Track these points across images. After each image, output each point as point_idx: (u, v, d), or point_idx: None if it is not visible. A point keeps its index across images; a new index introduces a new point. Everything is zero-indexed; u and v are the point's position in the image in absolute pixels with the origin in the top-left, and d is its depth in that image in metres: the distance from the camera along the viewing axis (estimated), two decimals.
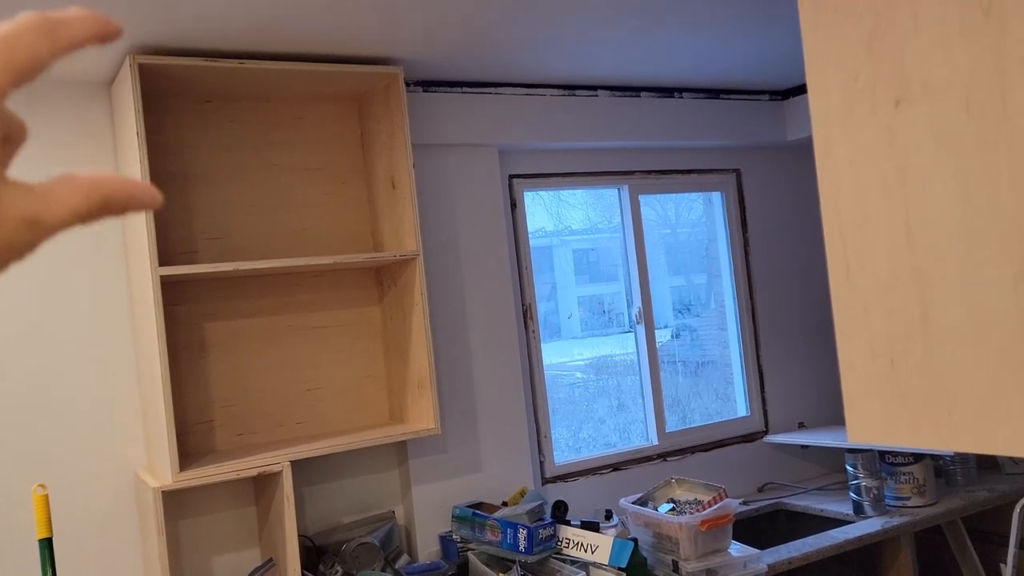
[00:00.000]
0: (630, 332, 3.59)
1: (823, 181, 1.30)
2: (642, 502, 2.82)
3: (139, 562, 2.50)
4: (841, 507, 3.29)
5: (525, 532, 2.61)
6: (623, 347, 3.69)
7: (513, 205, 3.25)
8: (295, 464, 2.74)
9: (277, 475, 2.43)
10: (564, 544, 2.68)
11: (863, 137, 1.22)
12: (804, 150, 4.01)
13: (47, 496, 1.87)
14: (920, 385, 1.17)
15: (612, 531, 2.74)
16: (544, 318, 3.58)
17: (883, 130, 1.19)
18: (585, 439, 4.12)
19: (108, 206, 0.40)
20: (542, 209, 3.99)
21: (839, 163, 1.29)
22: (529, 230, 3.32)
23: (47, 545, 1.85)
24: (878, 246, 1.22)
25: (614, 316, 3.77)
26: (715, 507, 2.65)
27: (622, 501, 2.82)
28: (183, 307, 2.61)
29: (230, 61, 2.38)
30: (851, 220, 1.26)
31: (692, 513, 2.66)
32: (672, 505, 2.79)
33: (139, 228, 2.33)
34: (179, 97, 2.63)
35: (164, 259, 2.57)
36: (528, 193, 3.33)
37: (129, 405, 2.53)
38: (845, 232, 1.27)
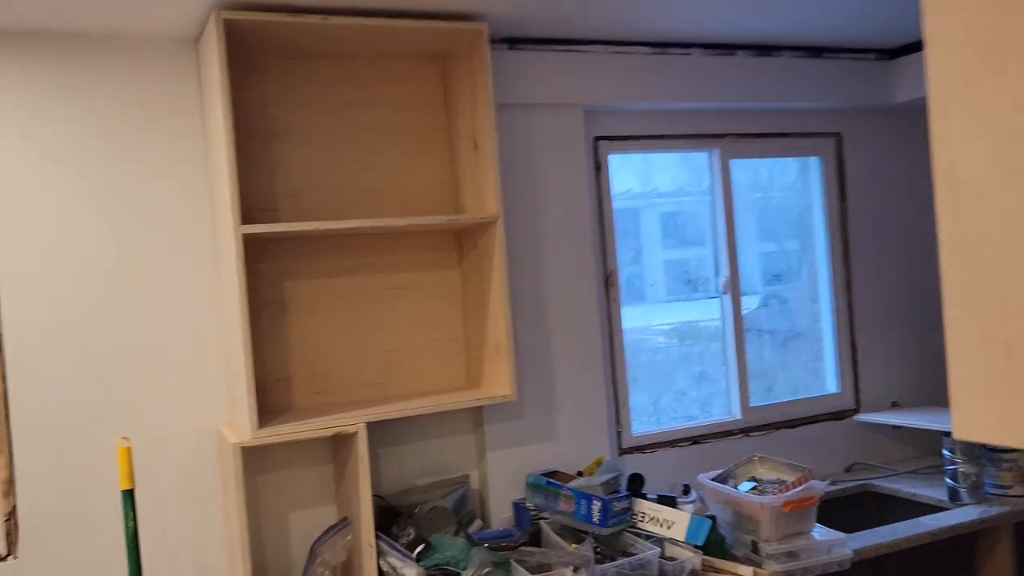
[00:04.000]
0: (715, 298, 3.48)
1: (938, 148, 1.17)
2: (722, 479, 2.73)
3: (219, 514, 2.55)
4: (935, 492, 3.13)
5: (599, 504, 2.56)
6: (708, 313, 3.56)
7: (598, 168, 3.15)
8: (371, 425, 2.74)
9: (353, 436, 2.43)
10: (639, 518, 2.62)
11: (988, 99, 1.09)
12: (913, 113, 3.77)
13: (130, 448, 1.90)
14: None
15: (690, 507, 2.67)
16: (628, 282, 3.49)
17: (1012, 91, 1.06)
18: (665, 407, 4.02)
19: None
20: (629, 170, 3.87)
21: (957, 128, 1.16)
22: (615, 192, 3.22)
23: (129, 496, 1.88)
24: (999, 222, 1.10)
25: (700, 281, 3.63)
26: (799, 488, 2.54)
27: (701, 477, 2.74)
28: (265, 265, 2.62)
29: (313, 17, 2.35)
30: (969, 192, 1.14)
31: (775, 493, 2.56)
32: (754, 484, 2.69)
33: (222, 186, 2.33)
34: (263, 55, 2.61)
35: (246, 217, 2.58)
36: (615, 155, 3.22)
37: (212, 360, 2.56)
38: (961, 205, 1.15)
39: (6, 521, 2.33)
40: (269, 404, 2.62)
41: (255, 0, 2.27)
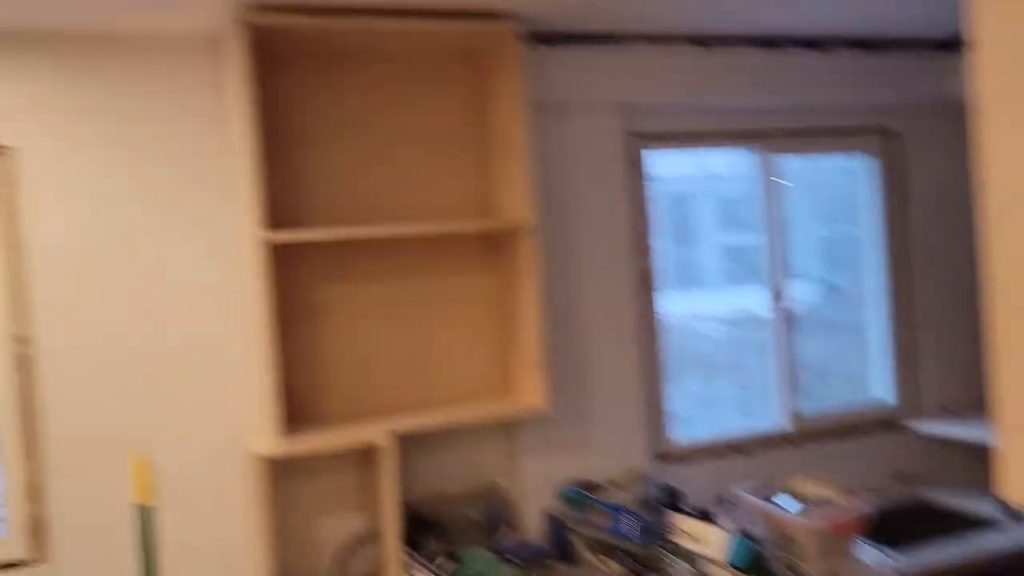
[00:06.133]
0: (767, 289, 3.32)
1: (986, 151, 1.06)
2: (764, 495, 2.63)
3: (244, 520, 2.53)
4: (991, 507, 2.98)
5: (633, 519, 2.47)
6: (763, 302, 3.36)
7: (636, 165, 3.04)
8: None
9: (381, 447, 2.38)
10: (675, 534, 2.53)
11: None
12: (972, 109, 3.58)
13: (146, 463, 1.87)
14: None
15: (729, 524, 2.56)
16: (682, 267, 3.40)
17: None
18: (715, 397, 3.91)
19: None
20: (683, 154, 3.73)
21: (1006, 130, 1.04)
22: (668, 176, 3.11)
23: (144, 510, 1.86)
24: None
25: (757, 268, 3.45)
26: (845, 510, 2.42)
27: (742, 491, 2.64)
28: (294, 269, 2.58)
29: (339, 19, 2.29)
30: (1017, 198, 1.02)
31: (819, 514, 2.45)
32: (797, 502, 2.58)
33: (246, 192, 2.29)
34: (289, 54, 2.56)
35: (275, 220, 2.53)
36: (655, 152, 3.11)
37: (242, 365, 2.54)
38: (1008, 212, 1.03)
39: (36, 526, 2.34)
40: (299, 410, 2.58)
41: (278, 1, 2.21)
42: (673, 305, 3.23)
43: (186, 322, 2.49)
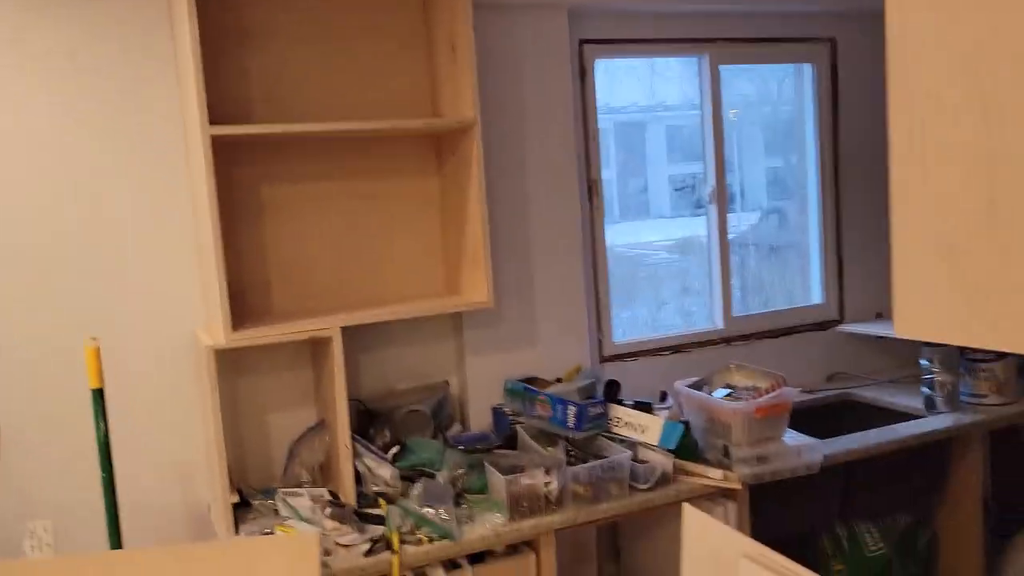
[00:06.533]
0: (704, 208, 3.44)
1: (892, 48, 1.13)
2: (698, 386, 2.76)
3: (198, 415, 2.59)
4: (913, 401, 3.16)
5: (574, 409, 2.59)
6: (706, 224, 3.49)
7: (583, 74, 3.08)
8: (351, 331, 2.75)
9: (329, 340, 2.44)
10: (614, 423, 2.66)
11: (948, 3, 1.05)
12: None
13: (98, 348, 1.92)
14: (980, 276, 1.04)
15: (664, 413, 2.70)
16: (632, 196, 3.48)
17: None
18: (663, 320, 4.06)
19: None
20: (635, 82, 3.79)
21: (916, 25, 1.12)
22: (620, 105, 3.16)
23: (99, 395, 1.91)
24: (948, 127, 1.07)
25: (702, 194, 3.58)
26: (772, 395, 2.57)
27: (677, 383, 2.77)
28: (241, 168, 2.59)
29: None
30: (923, 93, 1.10)
31: (748, 400, 2.59)
32: (728, 391, 2.72)
33: (190, 86, 2.29)
34: None
35: (218, 119, 2.53)
36: (619, 64, 3.14)
37: (188, 263, 2.56)
38: (915, 112, 1.11)
39: None
40: (247, 307, 2.63)
41: None
42: (622, 233, 3.32)
43: (134, 218, 2.50)
